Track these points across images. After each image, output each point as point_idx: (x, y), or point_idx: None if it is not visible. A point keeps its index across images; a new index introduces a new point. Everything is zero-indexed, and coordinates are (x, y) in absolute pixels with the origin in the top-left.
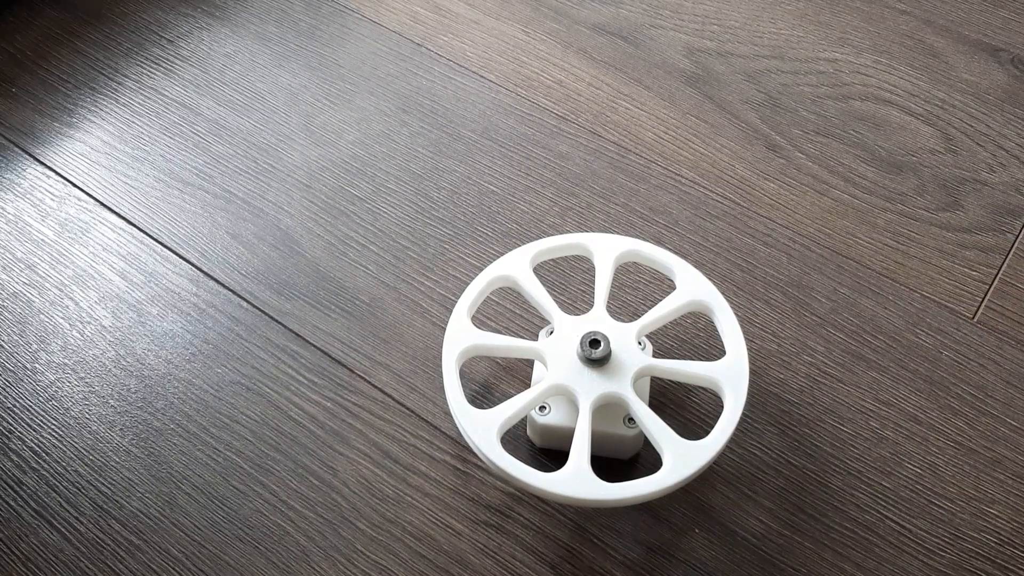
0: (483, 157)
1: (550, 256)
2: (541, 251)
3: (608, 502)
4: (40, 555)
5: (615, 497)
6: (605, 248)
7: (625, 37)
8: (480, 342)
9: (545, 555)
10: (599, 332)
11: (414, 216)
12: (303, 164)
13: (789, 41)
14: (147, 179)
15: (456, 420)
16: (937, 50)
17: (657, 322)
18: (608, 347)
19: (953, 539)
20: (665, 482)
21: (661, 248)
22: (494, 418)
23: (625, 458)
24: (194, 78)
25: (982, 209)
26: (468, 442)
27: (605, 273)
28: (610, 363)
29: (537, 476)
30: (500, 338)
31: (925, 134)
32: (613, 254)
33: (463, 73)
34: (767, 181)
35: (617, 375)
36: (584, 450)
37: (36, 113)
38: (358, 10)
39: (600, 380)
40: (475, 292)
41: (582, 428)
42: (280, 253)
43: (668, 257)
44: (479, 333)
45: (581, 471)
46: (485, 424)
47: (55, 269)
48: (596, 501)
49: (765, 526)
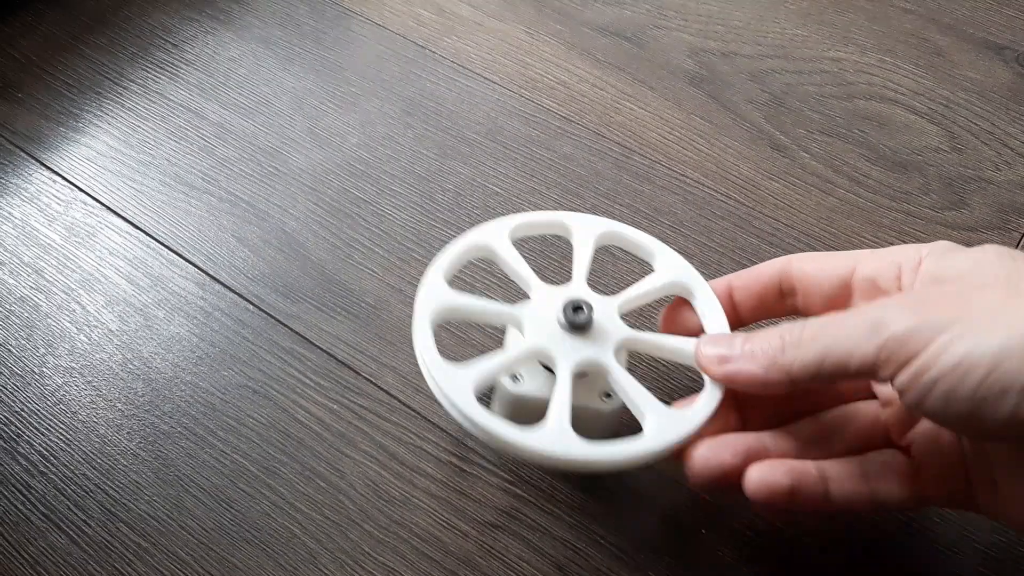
0: (488, 159)
1: (529, 232)
2: (520, 224)
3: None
4: (48, 558)
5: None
6: (585, 227)
7: (629, 38)
8: (454, 302)
9: (553, 556)
10: (581, 298)
11: (419, 218)
12: (308, 167)
13: (793, 41)
14: (152, 183)
15: (428, 376)
16: (942, 49)
17: (638, 299)
18: (590, 313)
19: (966, 541)
20: (651, 446)
21: (641, 231)
22: (469, 374)
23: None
24: (199, 82)
25: (988, 208)
26: (442, 400)
27: (585, 251)
28: (592, 331)
29: (521, 434)
30: (476, 300)
31: (930, 133)
32: (593, 234)
33: (467, 75)
34: (772, 181)
35: (598, 343)
36: (565, 411)
37: (41, 118)
38: (362, 13)
39: (581, 346)
40: (450, 257)
41: (561, 391)
42: (285, 256)
43: (648, 240)
44: (453, 293)
45: (563, 430)
46: (460, 380)
47: (62, 273)
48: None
49: (774, 528)
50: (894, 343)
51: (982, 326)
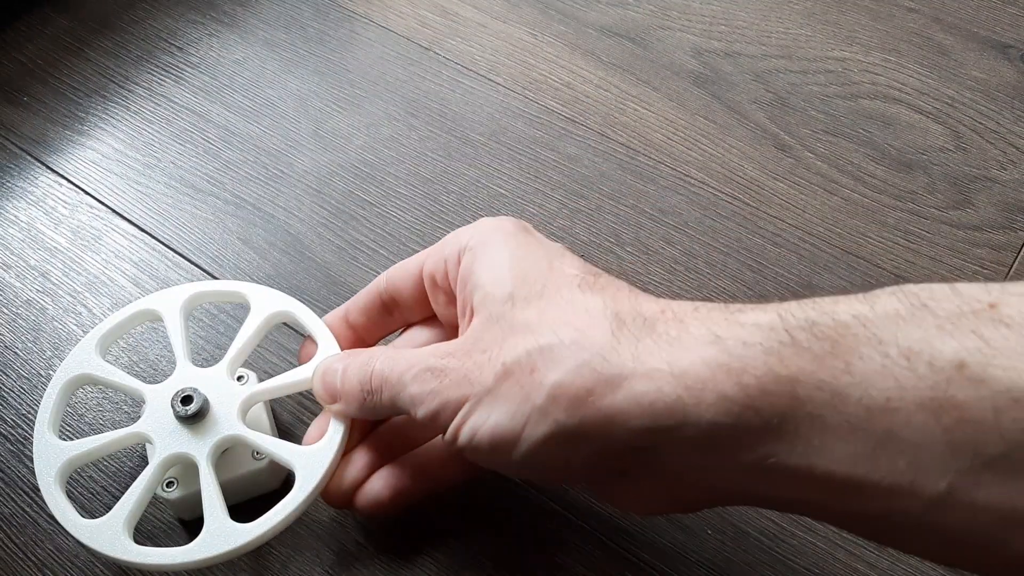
0: (492, 160)
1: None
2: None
3: (252, 544)
4: (55, 560)
5: (253, 537)
6: (167, 301)
7: (633, 39)
8: (76, 452)
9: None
10: (188, 387)
11: (424, 220)
12: (313, 169)
13: (797, 40)
14: (158, 186)
15: (80, 542)
16: (946, 48)
17: (244, 349)
18: (201, 396)
19: None
20: (297, 499)
21: (222, 280)
22: (116, 520)
23: (277, 487)
24: (204, 85)
25: (993, 207)
26: (103, 558)
27: (176, 326)
28: (211, 411)
29: (184, 551)
30: (97, 439)
31: (935, 132)
32: (177, 305)
33: (471, 76)
34: (776, 181)
35: (223, 418)
36: (217, 507)
37: (47, 121)
38: (366, 15)
39: (208, 430)
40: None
41: (208, 486)
42: (291, 258)
43: (231, 285)
44: (71, 444)
45: (221, 526)
46: (110, 532)
47: (68, 276)
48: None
49: (777, 527)
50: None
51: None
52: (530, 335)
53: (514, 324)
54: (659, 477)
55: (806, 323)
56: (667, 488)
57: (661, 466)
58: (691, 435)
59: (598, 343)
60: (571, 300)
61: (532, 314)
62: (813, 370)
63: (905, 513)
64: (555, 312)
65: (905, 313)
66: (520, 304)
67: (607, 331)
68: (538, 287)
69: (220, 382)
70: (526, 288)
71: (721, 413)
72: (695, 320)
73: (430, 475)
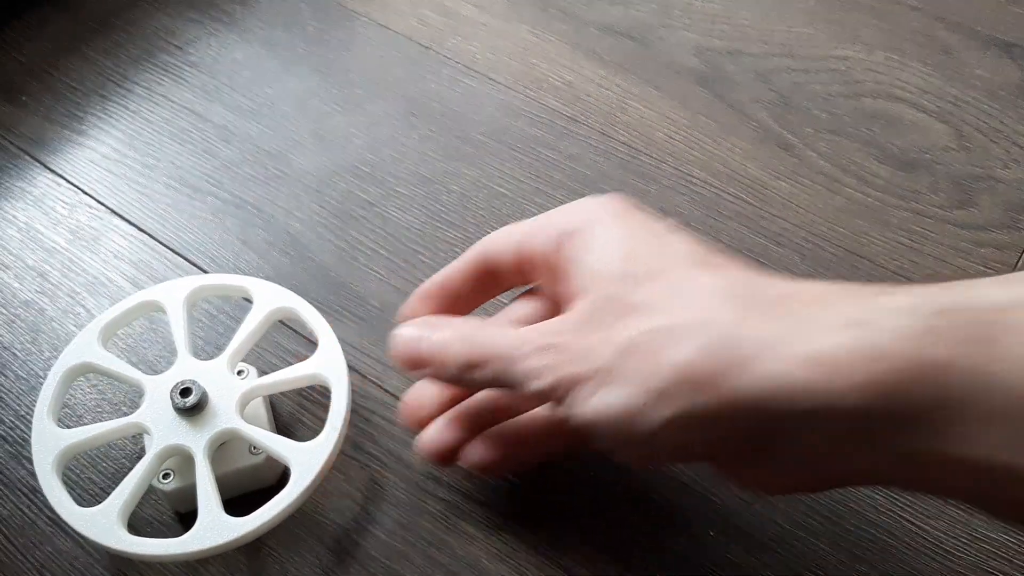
0: (493, 160)
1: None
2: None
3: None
4: (55, 562)
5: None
6: (170, 293)
7: (634, 37)
8: (74, 440)
9: (560, 561)
10: (187, 379)
11: (424, 220)
12: (312, 169)
13: (800, 39)
14: (157, 186)
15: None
16: (949, 47)
17: (245, 344)
18: (200, 388)
19: (971, 540)
20: (292, 495)
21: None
22: (112, 509)
23: (273, 483)
24: (203, 84)
25: (996, 206)
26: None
27: (178, 318)
28: (210, 403)
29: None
30: (95, 427)
31: (938, 131)
32: (180, 297)
33: (471, 76)
34: (779, 180)
35: (222, 411)
36: (212, 499)
37: (46, 121)
38: (366, 14)
39: (206, 423)
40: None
41: (203, 479)
42: (290, 258)
43: (235, 279)
44: (69, 432)
45: (214, 519)
46: (105, 521)
47: (67, 277)
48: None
49: (781, 529)
50: (548, 384)
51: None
52: (649, 314)
53: (630, 303)
54: (788, 460)
55: (947, 308)
56: (794, 470)
57: (791, 450)
58: (828, 420)
59: (722, 323)
60: (689, 278)
61: (649, 293)
62: (960, 356)
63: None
64: (673, 291)
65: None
66: (633, 283)
67: (731, 311)
68: (653, 265)
69: (220, 376)
70: (639, 267)
71: (867, 398)
72: (827, 303)
73: (530, 446)
